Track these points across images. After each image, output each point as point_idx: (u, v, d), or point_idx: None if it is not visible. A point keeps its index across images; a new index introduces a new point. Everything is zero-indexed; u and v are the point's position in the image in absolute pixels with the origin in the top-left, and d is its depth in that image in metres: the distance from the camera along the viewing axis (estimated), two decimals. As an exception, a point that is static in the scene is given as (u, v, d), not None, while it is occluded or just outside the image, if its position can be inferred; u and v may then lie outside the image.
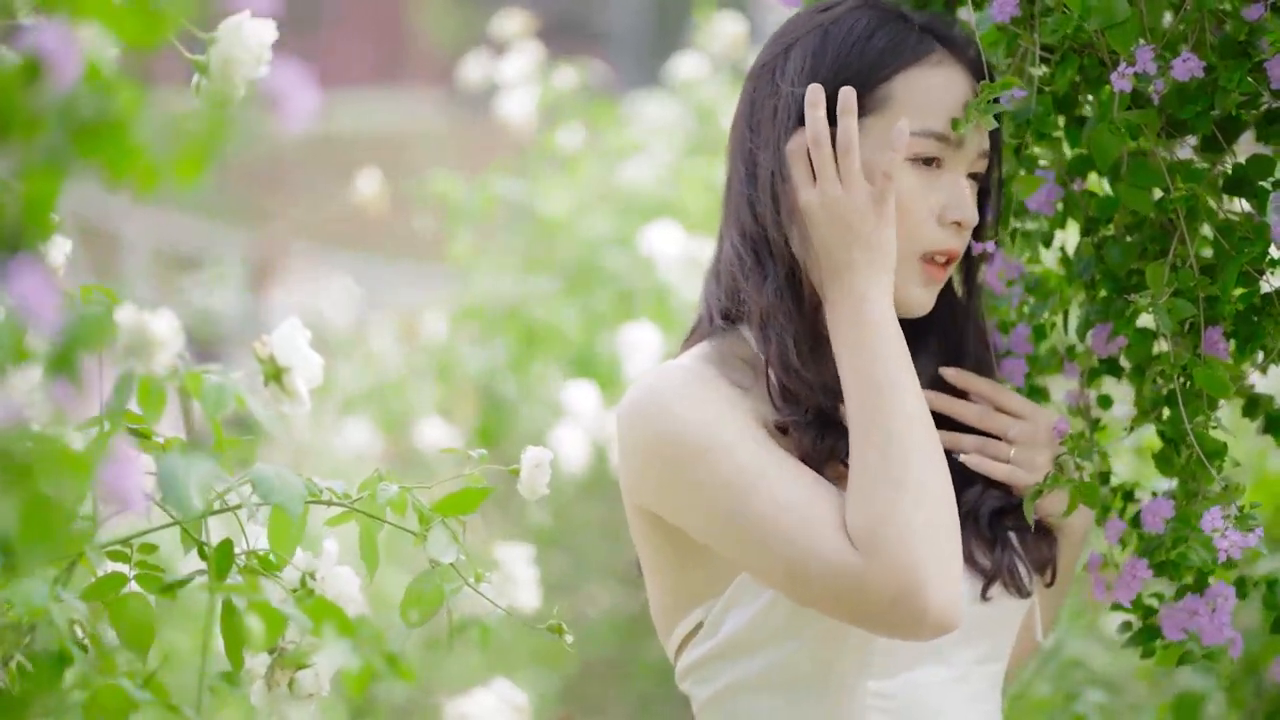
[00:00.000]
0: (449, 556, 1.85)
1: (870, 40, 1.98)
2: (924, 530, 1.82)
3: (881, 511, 1.82)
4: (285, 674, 1.79)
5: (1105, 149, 1.95)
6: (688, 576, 1.97)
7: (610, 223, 4.74)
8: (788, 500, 1.86)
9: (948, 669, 1.97)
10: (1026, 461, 2.03)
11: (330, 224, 10.11)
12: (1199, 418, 1.96)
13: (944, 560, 1.83)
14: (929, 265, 1.97)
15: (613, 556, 4.68)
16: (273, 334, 1.85)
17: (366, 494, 1.84)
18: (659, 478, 1.93)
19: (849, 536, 1.84)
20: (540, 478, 1.92)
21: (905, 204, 1.94)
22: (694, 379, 1.94)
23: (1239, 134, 2.02)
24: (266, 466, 1.76)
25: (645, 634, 4.63)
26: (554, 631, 1.94)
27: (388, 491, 1.84)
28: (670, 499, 1.93)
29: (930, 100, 1.96)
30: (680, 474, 1.91)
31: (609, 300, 4.58)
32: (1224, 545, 1.88)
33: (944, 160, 1.97)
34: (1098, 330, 2.08)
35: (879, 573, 1.81)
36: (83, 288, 1.72)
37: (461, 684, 4.41)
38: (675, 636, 2.01)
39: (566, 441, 4.25)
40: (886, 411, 1.86)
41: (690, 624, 1.99)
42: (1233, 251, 1.97)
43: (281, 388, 1.87)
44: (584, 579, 4.76)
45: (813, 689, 1.93)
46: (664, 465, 1.92)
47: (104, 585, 1.74)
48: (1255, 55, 1.91)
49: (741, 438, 1.89)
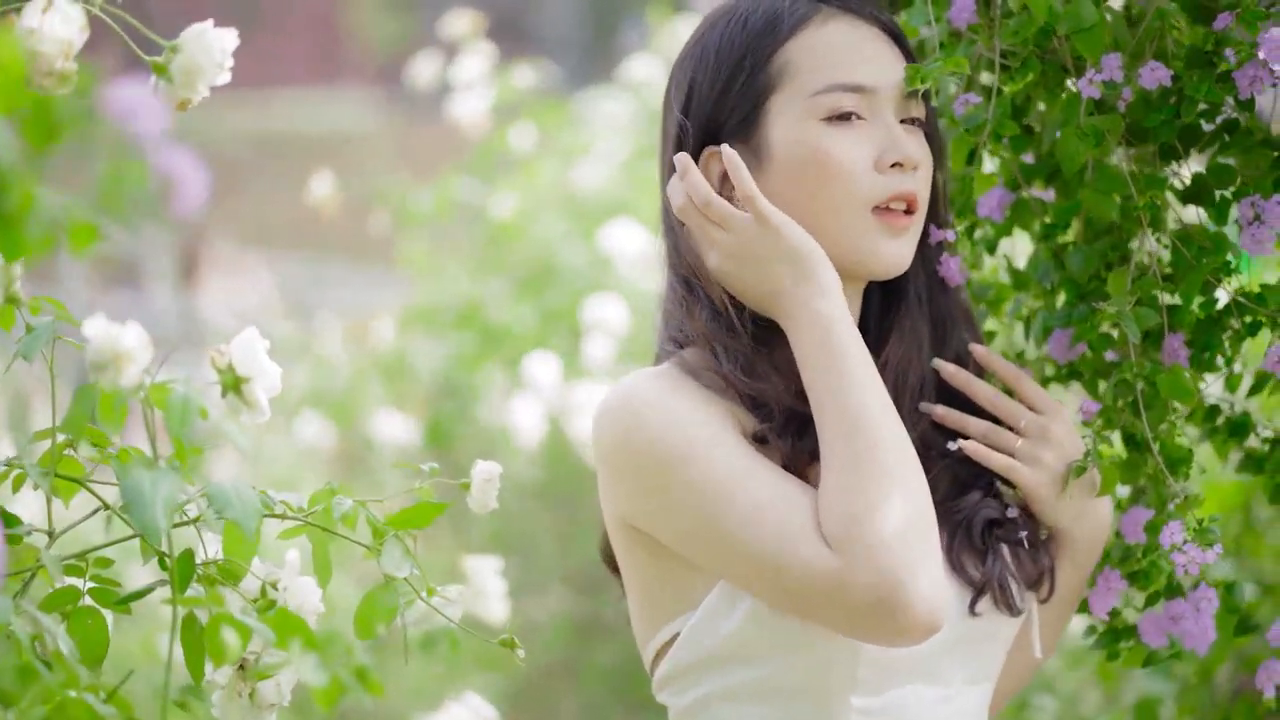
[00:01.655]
0: (403, 571, 1.85)
1: (746, 26, 1.95)
2: (899, 528, 1.78)
3: (854, 511, 1.79)
4: (247, 685, 1.78)
5: (1072, 154, 1.94)
6: (664, 587, 1.96)
7: (564, 223, 4.74)
8: (763, 504, 1.83)
9: (936, 688, 1.94)
10: (1030, 456, 1.98)
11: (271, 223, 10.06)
12: (1162, 425, 1.96)
13: (922, 557, 1.78)
14: (885, 215, 1.92)
15: (563, 561, 4.67)
16: (231, 343, 1.84)
17: (320, 508, 1.83)
18: (633, 484, 1.91)
19: (826, 539, 1.81)
20: (490, 491, 1.92)
21: (835, 163, 1.90)
22: (668, 385, 1.92)
23: (1196, 143, 2.02)
24: (223, 480, 1.75)
25: (594, 639, 4.63)
26: (506, 645, 1.94)
27: (342, 505, 1.84)
28: (644, 506, 1.91)
29: (826, 57, 1.92)
30: (654, 480, 1.89)
31: (566, 299, 4.58)
32: (1182, 561, 1.87)
33: (867, 111, 1.92)
34: (1057, 336, 2.07)
35: (857, 573, 1.77)
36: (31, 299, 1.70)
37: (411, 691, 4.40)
38: (651, 646, 2.00)
39: (523, 414, 4.24)
40: (854, 410, 1.82)
41: (667, 635, 1.98)
42: (1192, 260, 1.97)
43: (241, 397, 1.86)
44: (533, 583, 4.75)
45: (796, 703, 1.91)
46: (638, 472, 1.90)
47: (59, 598, 1.73)
48: (1220, 65, 1.92)
49: (716, 443, 1.87)
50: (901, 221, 1.92)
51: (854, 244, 1.91)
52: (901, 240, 1.93)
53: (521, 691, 4.69)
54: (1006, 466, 1.97)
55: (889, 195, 1.91)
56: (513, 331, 4.56)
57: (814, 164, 1.91)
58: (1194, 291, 1.96)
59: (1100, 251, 2.04)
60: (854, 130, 1.91)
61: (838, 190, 1.90)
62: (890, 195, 1.91)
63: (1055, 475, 1.98)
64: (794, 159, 1.92)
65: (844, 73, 1.92)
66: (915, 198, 1.92)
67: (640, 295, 4.42)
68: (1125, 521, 1.99)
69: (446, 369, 4.66)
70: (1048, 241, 2.08)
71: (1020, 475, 1.97)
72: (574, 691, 4.75)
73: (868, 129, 1.92)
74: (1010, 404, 2.00)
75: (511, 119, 4.95)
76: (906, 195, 1.92)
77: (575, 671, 4.71)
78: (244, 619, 1.68)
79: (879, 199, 1.91)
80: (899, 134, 1.92)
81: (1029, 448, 1.98)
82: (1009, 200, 2.06)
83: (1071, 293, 2.06)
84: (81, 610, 1.72)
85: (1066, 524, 1.99)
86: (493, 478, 1.91)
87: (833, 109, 1.91)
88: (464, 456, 4.35)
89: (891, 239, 1.92)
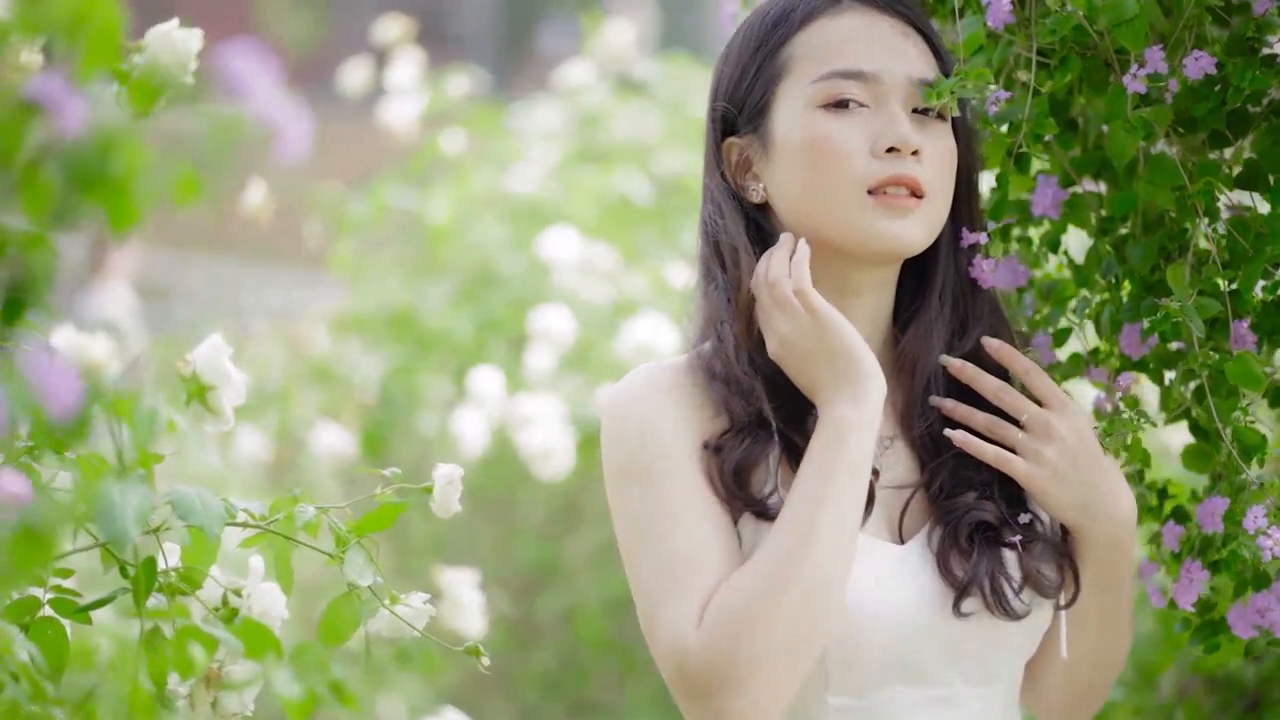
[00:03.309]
0: (366, 579, 1.84)
1: (765, 19, 1.98)
2: (764, 652, 1.79)
3: (737, 611, 1.81)
4: (210, 694, 1.77)
5: (1122, 148, 1.94)
6: None
7: (499, 228, 4.72)
8: (673, 556, 1.86)
9: (927, 689, 1.91)
10: (1030, 449, 1.96)
11: (191, 224, 9.95)
12: (1235, 412, 1.97)
13: (767, 686, 1.80)
14: (883, 197, 1.91)
15: (499, 565, 4.65)
16: (195, 352, 1.83)
17: (282, 515, 1.83)
18: (606, 474, 1.95)
19: (702, 614, 1.83)
20: (452, 495, 1.93)
21: (830, 147, 1.91)
22: (666, 385, 1.94)
23: (1247, 129, 2.03)
24: (186, 488, 1.75)
25: (529, 643, 4.62)
26: (471, 653, 1.94)
27: (304, 513, 1.84)
28: (609, 494, 1.94)
29: (830, 46, 1.94)
30: (611, 481, 1.93)
31: (504, 307, 4.57)
32: (1268, 544, 1.89)
33: (870, 98, 1.93)
34: (1129, 330, 2.06)
35: (695, 665, 1.81)
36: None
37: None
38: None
39: (468, 425, 4.23)
40: (809, 527, 1.83)
41: None
42: (1250, 248, 1.98)
43: (205, 406, 1.85)
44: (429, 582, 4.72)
45: None
46: (610, 466, 1.94)
47: (19, 608, 1.71)
48: (1262, 50, 1.93)
49: (671, 474, 1.89)
50: (902, 203, 1.91)
51: (852, 225, 1.92)
52: (905, 221, 1.92)
53: (454, 699, 4.67)
54: (997, 457, 1.95)
55: (883, 179, 1.91)
56: (449, 339, 4.53)
57: (810, 149, 1.92)
58: (1255, 278, 1.96)
59: (1159, 242, 2.04)
60: (852, 117, 1.92)
61: (831, 173, 1.91)
62: (884, 179, 1.91)
63: (1056, 469, 1.95)
64: (793, 145, 1.94)
65: (845, 60, 1.93)
66: (915, 182, 1.92)
67: (580, 303, 4.41)
68: (1202, 511, 1.98)
69: (381, 377, 4.63)
70: (1107, 235, 2.08)
71: (1014, 467, 1.95)
72: (508, 698, 4.73)
73: (868, 116, 1.93)
74: (1015, 397, 1.98)
75: (442, 124, 4.92)
76: (902, 180, 1.91)
77: (510, 678, 4.69)
78: (211, 630, 1.68)
79: (873, 183, 1.91)
80: (900, 120, 1.92)
81: (1029, 441, 1.96)
82: (1063, 197, 2.07)
83: (1136, 285, 2.05)
84: (42, 620, 1.71)
85: (1073, 519, 1.96)
86: (454, 480, 1.92)
87: (830, 96, 1.93)
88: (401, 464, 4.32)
89: (890, 219, 1.91)
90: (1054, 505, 1.96)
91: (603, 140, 4.88)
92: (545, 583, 4.61)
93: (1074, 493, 1.95)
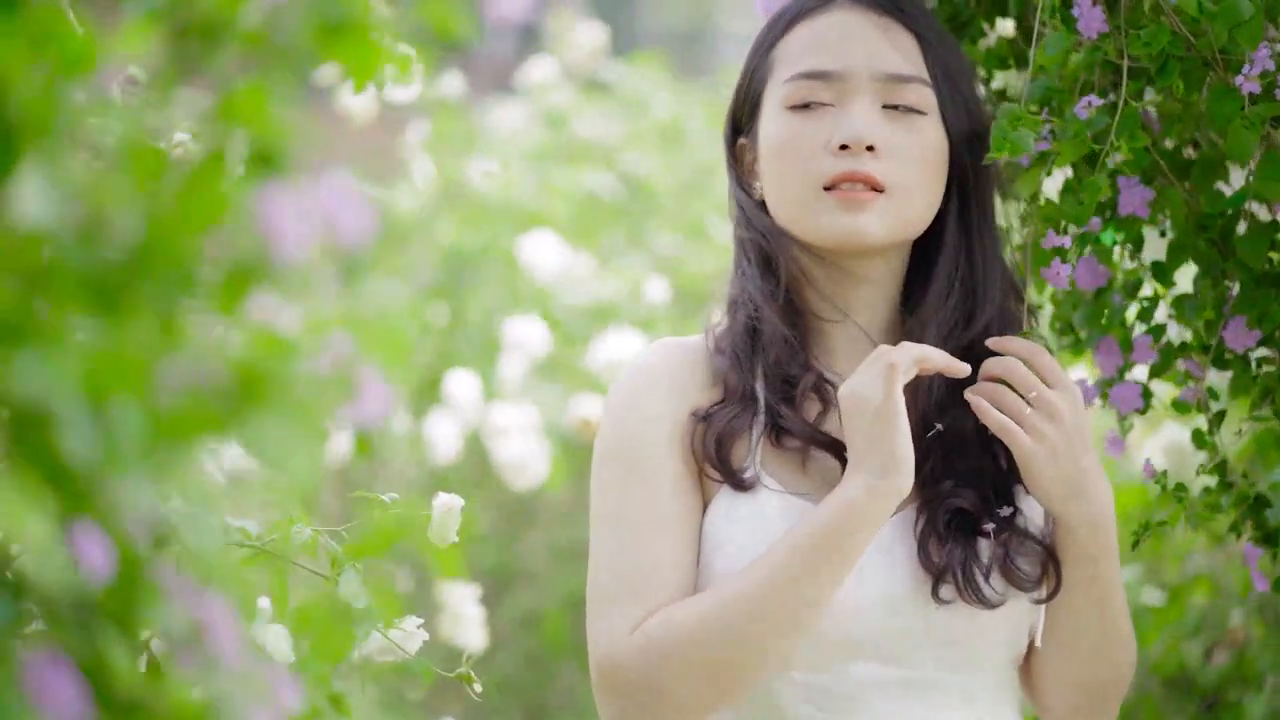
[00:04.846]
0: (361, 601, 1.83)
1: (768, 21, 2.03)
2: (692, 684, 1.86)
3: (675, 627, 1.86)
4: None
5: (1242, 147, 1.97)
6: None
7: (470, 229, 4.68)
8: (634, 561, 1.90)
9: (896, 669, 1.93)
10: (1034, 426, 1.94)
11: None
12: None
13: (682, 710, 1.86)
14: (837, 193, 1.93)
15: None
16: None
17: (278, 536, 1.81)
18: (598, 440, 1.98)
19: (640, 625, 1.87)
20: (450, 524, 1.91)
21: (790, 148, 1.95)
22: (670, 372, 1.97)
23: None
24: (181, 504, 1.71)
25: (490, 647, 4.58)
26: (463, 680, 1.93)
27: (301, 535, 1.81)
28: (594, 458, 1.98)
29: (804, 47, 1.97)
30: (603, 457, 1.96)
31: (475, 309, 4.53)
32: None
33: (835, 97, 1.95)
34: (1234, 323, 2.07)
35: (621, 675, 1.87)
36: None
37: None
38: None
39: (440, 429, 4.20)
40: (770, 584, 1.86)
41: None
42: None
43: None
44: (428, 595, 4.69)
45: None
46: (603, 438, 1.97)
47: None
48: None
49: (652, 473, 1.93)
50: (858, 197, 1.93)
51: (814, 222, 1.95)
52: (861, 216, 1.93)
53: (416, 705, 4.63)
54: (1001, 425, 1.94)
55: (836, 175, 1.93)
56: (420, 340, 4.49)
57: (778, 150, 1.96)
58: None
59: (1269, 234, 2.06)
60: (816, 116, 1.95)
61: (792, 173, 1.95)
62: (837, 175, 1.93)
63: (1055, 448, 1.94)
64: (768, 146, 1.98)
65: (812, 61, 1.96)
66: (869, 177, 1.93)
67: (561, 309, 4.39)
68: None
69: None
70: (1207, 231, 2.09)
71: (1017, 439, 1.94)
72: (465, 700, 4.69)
73: (833, 114, 1.95)
74: (1025, 374, 1.96)
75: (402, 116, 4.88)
76: (854, 177, 1.93)
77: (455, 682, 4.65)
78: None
79: (828, 180, 1.94)
80: (856, 117, 1.94)
81: (1034, 418, 1.94)
82: (1149, 195, 2.06)
83: (1246, 277, 2.07)
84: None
85: (1058, 503, 1.95)
86: (454, 510, 1.90)
87: (795, 97, 1.96)
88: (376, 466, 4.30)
89: (844, 214, 1.93)
90: (1044, 485, 1.95)
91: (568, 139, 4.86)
92: (505, 586, 4.59)
93: (1064, 474, 1.94)
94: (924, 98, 1.96)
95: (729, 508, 1.93)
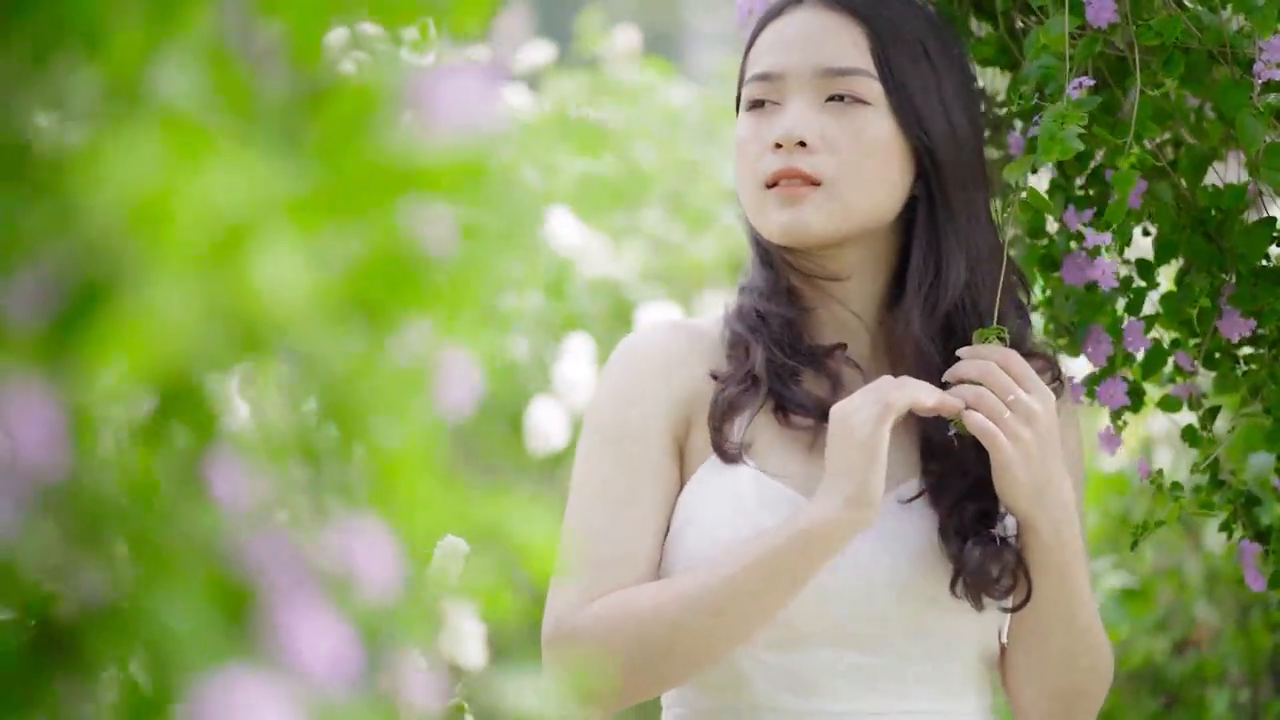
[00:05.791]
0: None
1: (755, 24, 2.07)
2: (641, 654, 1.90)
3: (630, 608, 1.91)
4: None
5: (1253, 136, 1.98)
6: None
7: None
8: (599, 536, 1.95)
9: (864, 655, 1.95)
10: (1012, 430, 1.94)
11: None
12: None
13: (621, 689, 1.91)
14: (775, 189, 1.97)
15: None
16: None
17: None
18: (588, 408, 2.04)
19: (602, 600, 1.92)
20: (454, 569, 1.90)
21: (740, 149, 2.00)
22: (662, 353, 2.01)
23: None
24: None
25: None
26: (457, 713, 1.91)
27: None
28: (583, 426, 2.04)
29: (761, 52, 2.02)
30: (591, 429, 2.01)
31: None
32: None
33: (779, 95, 2.00)
34: (1228, 315, 2.07)
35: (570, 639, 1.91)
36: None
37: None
38: None
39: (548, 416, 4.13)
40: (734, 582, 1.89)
41: None
42: None
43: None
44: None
45: None
46: (593, 407, 2.02)
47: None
48: None
49: (633, 455, 1.97)
50: (793, 191, 1.97)
51: (762, 218, 2.00)
52: (798, 209, 1.97)
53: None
54: (982, 429, 1.94)
55: (773, 173, 1.97)
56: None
57: (736, 150, 2.03)
58: None
59: (1269, 228, 2.07)
60: (764, 116, 2.00)
61: (742, 171, 2.02)
62: (774, 173, 1.98)
63: (1029, 451, 1.94)
64: (735, 147, 2.04)
65: (766, 61, 2.01)
66: (801, 172, 1.97)
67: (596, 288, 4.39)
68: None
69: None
70: (1204, 225, 2.10)
71: (998, 442, 1.94)
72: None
73: (777, 113, 2.00)
74: (1001, 377, 1.97)
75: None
76: (788, 173, 1.97)
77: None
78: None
79: (767, 177, 1.98)
80: (788, 114, 1.99)
81: (1013, 422, 1.95)
82: (1142, 188, 2.05)
83: (1245, 270, 2.07)
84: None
85: (1025, 505, 1.95)
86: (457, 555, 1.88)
87: (748, 98, 2.02)
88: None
89: (781, 208, 1.98)
90: (1015, 488, 1.95)
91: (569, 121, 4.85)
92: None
93: (1035, 477, 1.95)
94: (868, 89, 1.98)
95: (706, 480, 1.96)
